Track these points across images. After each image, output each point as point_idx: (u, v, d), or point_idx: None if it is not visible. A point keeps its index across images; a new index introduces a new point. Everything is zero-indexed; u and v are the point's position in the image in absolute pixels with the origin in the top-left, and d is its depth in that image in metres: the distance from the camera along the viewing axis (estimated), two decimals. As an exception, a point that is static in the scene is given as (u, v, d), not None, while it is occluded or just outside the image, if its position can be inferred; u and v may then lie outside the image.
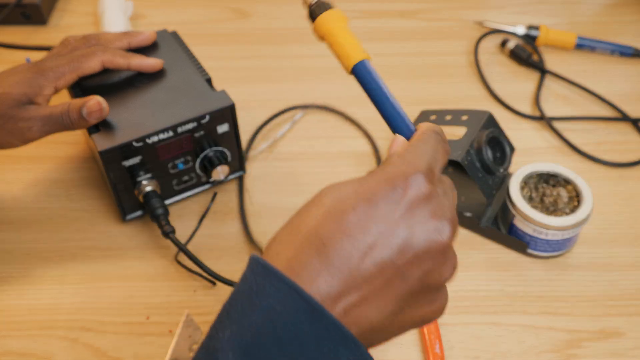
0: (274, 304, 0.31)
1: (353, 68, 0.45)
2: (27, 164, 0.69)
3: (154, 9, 0.92)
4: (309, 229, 0.34)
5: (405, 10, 0.92)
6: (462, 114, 0.64)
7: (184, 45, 0.67)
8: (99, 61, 0.59)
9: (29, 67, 0.57)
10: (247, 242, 0.62)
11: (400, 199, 0.34)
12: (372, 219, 0.33)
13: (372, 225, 0.33)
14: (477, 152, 0.60)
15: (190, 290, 0.58)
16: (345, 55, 0.45)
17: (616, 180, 0.69)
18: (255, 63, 0.83)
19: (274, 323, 0.31)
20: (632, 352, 0.54)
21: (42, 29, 0.87)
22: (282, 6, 0.92)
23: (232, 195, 0.67)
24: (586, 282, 0.59)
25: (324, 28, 0.45)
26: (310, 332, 0.31)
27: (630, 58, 0.85)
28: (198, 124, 0.59)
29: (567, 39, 0.85)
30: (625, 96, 0.79)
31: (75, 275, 0.59)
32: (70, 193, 0.66)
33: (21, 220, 0.64)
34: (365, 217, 0.33)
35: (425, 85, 0.81)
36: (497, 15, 0.92)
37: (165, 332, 0.55)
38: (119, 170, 0.58)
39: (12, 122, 0.54)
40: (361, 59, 0.44)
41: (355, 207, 0.33)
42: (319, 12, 0.46)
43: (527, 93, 0.80)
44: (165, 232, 0.58)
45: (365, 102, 0.78)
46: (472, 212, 0.63)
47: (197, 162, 0.62)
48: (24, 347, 0.54)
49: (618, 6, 0.94)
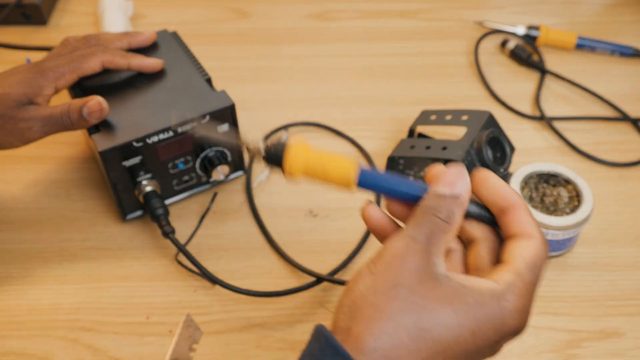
0: None
1: (357, 184, 0.40)
2: (27, 164, 0.69)
3: (154, 9, 0.92)
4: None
5: (405, 10, 0.92)
6: (462, 114, 0.64)
7: (184, 45, 0.67)
8: (99, 61, 0.59)
9: (29, 67, 0.57)
10: (246, 242, 0.62)
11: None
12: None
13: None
14: (477, 152, 0.60)
15: (190, 290, 0.58)
16: (339, 178, 0.40)
17: (616, 180, 0.69)
18: (255, 63, 0.83)
19: None
20: (632, 352, 0.54)
21: (42, 29, 0.87)
22: (282, 6, 0.92)
23: (232, 195, 0.67)
24: (586, 282, 0.59)
25: (299, 167, 0.40)
26: None
27: (630, 58, 0.85)
28: (198, 124, 0.59)
29: (567, 39, 0.85)
30: (625, 96, 0.79)
31: (75, 275, 0.59)
32: (70, 193, 0.66)
33: (21, 220, 0.64)
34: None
35: (425, 85, 0.81)
36: (497, 15, 0.92)
37: (165, 332, 0.55)
38: (119, 170, 0.58)
39: (12, 122, 0.54)
40: (355, 172, 0.39)
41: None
42: (280, 155, 0.40)
43: (527, 93, 0.80)
44: (165, 232, 0.58)
45: (365, 102, 0.78)
46: (472, 212, 0.63)
47: (197, 162, 0.62)
48: (24, 347, 0.54)
49: (618, 6, 0.94)
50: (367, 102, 0.78)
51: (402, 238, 0.36)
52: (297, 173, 0.40)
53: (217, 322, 0.56)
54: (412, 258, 0.35)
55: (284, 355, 0.54)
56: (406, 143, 0.65)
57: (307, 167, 0.39)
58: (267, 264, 0.61)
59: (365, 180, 0.39)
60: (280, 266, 0.61)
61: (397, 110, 0.77)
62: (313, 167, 0.39)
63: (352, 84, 0.81)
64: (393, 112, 0.77)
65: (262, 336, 0.55)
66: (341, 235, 0.63)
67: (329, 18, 0.91)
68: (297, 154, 0.39)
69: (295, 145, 0.40)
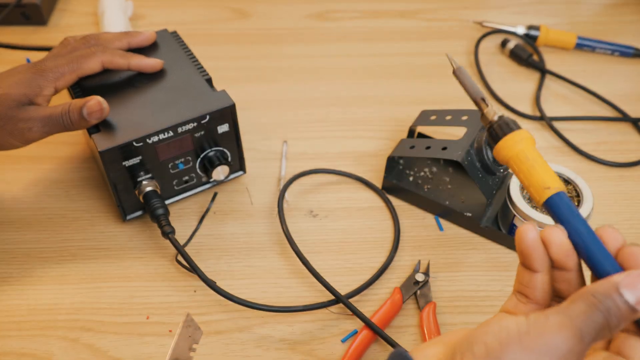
0: None
1: (549, 199, 0.39)
2: (27, 164, 0.69)
3: (154, 9, 0.92)
4: None
5: (405, 10, 0.92)
6: (462, 114, 0.64)
7: (184, 45, 0.67)
8: (99, 61, 0.59)
9: (29, 67, 0.57)
10: (246, 242, 0.62)
11: None
12: None
13: None
14: (477, 152, 0.60)
15: (190, 290, 0.58)
16: (539, 183, 0.39)
17: (616, 180, 0.69)
18: (255, 63, 0.83)
19: None
20: (632, 352, 0.54)
21: (42, 29, 0.87)
22: (282, 6, 0.92)
23: (232, 195, 0.67)
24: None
25: (511, 151, 0.40)
26: None
27: (630, 58, 0.85)
28: (198, 124, 0.59)
29: (567, 39, 0.85)
30: (625, 96, 0.79)
31: (75, 275, 0.59)
32: (70, 193, 0.66)
33: (21, 220, 0.64)
34: None
35: (425, 85, 0.81)
36: (497, 15, 0.92)
37: (165, 332, 0.55)
38: (119, 170, 0.58)
39: (12, 123, 0.54)
40: (559, 189, 0.39)
41: None
42: (504, 132, 0.41)
43: (527, 93, 0.80)
44: (165, 232, 0.58)
45: (365, 102, 0.78)
46: (472, 212, 0.63)
47: (197, 162, 0.62)
48: (24, 347, 0.54)
49: (618, 6, 0.94)
50: (367, 102, 0.78)
51: (568, 329, 0.33)
52: (508, 153, 0.40)
53: (217, 322, 0.56)
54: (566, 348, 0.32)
55: (284, 355, 0.54)
56: (406, 143, 0.65)
57: (519, 155, 0.40)
58: (267, 264, 0.61)
59: (559, 202, 0.38)
60: (280, 266, 0.61)
61: (397, 110, 0.77)
62: (524, 158, 0.40)
63: (352, 84, 0.81)
64: (393, 112, 0.77)
65: (262, 336, 0.55)
66: (341, 235, 0.63)
67: (329, 18, 0.91)
68: (520, 139, 0.40)
69: (523, 132, 0.41)
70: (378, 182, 0.68)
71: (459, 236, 0.63)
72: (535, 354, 0.32)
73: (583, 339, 0.32)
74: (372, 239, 0.63)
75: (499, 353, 0.32)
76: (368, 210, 0.66)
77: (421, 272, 0.59)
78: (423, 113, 0.69)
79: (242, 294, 0.58)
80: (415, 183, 0.67)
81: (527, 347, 0.32)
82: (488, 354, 0.33)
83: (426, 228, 0.64)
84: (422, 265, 0.60)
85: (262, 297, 0.58)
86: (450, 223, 0.65)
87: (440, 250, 0.62)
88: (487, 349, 0.33)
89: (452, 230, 0.64)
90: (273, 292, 0.59)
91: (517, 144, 0.40)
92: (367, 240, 0.63)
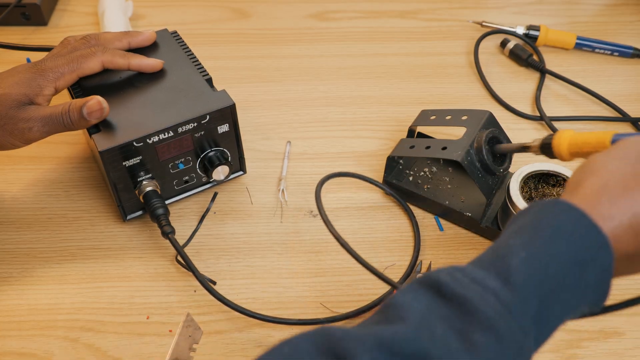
0: (562, 225, 0.36)
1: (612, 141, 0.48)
2: (27, 164, 0.69)
3: (154, 9, 0.92)
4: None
5: (405, 10, 0.92)
6: (462, 114, 0.64)
7: (184, 45, 0.67)
8: (99, 61, 0.59)
9: (29, 67, 0.57)
10: (246, 242, 0.62)
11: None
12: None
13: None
14: (477, 151, 0.60)
15: (190, 290, 0.58)
16: (597, 141, 0.48)
17: (616, 180, 0.69)
18: (255, 63, 0.83)
19: (560, 236, 0.36)
20: (631, 352, 0.54)
21: (42, 29, 0.87)
22: (282, 6, 0.92)
23: (232, 195, 0.67)
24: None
25: (564, 145, 0.50)
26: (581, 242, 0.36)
27: (629, 58, 0.85)
28: (198, 124, 0.59)
29: (567, 39, 0.85)
30: (625, 96, 0.79)
31: (75, 275, 0.59)
32: (70, 193, 0.66)
33: (21, 220, 0.64)
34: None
35: (425, 85, 0.81)
36: (497, 15, 0.92)
37: (165, 332, 0.55)
38: (120, 170, 0.58)
39: (12, 122, 0.54)
40: (611, 136, 0.47)
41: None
42: (549, 142, 0.52)
43: (527, 93, 0.80)
44: (165, 232, 0.58)
45: (365, 102, 0.78)
46: (472, 212, 0.63)
47: (197, 162, 0.62)
48: (24, 347, 0.54)
49: (618, 6, 0.94)
50: (367, 102, 0.78)
51: (636, 138, 0.41)
52: (564, 150, 0.50)
53: (217, 322, 0.56)
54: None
55: (284, 355, 0.54)
56: (406, 143, 0.65)
57: (570, 144, 0.50)
58: (267, 264, 0.61)
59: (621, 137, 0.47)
60: (280, 266, 0.61)
61: (397, 110, 0.77)
62: (574, 141, 0.50)
63: (352, 84, 0.81)
64: (393, 112, 0.77)
65: (262, 336, 0.55)
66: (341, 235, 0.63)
67: (329, 18, 0.91)
68: (560, 136, 0.51)
69: (559, 132, 0.51)
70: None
71: (459, 236, 0.63)
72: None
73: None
74: (372, 239, 0.63)
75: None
76: (368, 210, 0.66)
77: (423, 273, 0.59)
78: (423, 113, 0.69)
79: (242, 294, 0.58)
80: (415, 183, 0.67)
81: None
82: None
83: (426, 228, 0.64)
84: (424, 265, 0.60)
85: (262, 297, 0.58)
86: (450, 223, 0.65)
87: (440, 250, 0.62)
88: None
89: (452, 230, 0.64)
90: (273, 292, 0.59)
91: (562, 140, 0.50)
92: (367, 240, 0.63)
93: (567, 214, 0.37)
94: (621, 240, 0.37)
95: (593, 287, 0.37)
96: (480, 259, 0.37)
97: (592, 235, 0.36)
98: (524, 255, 0.35)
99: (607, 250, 0.36)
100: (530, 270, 0.35)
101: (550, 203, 0.38)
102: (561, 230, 0.36)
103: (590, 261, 0.36)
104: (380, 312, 0.36)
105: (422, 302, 0.35)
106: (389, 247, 0.62)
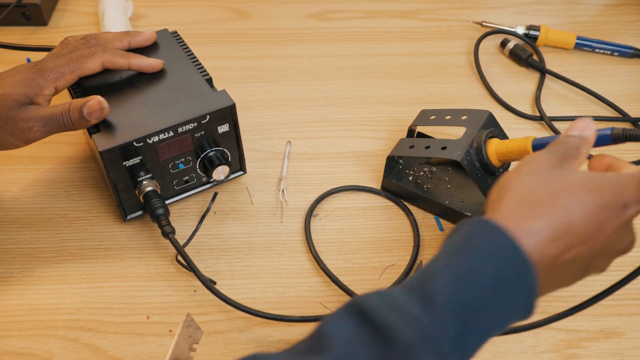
0: (486, 246, 0.38)
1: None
2: (27, 164, 0.69)
3: (154, 9, 0.92)
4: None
5: (405, 10, 0.92)
6: (462, 113, 0.64)
7: (184, 45, 0.67)
8: (99, 61, 0.59)
9: (29, 67, 0.57)
10: (246, 242, 0.62)
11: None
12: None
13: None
14: (476, 151, 0.60)
15: (190, 290, 0.58)
16: (519, 149, 0.56)
17: (616, 180, 0.69)
18: (255, 63, 0.83)
19: (484, 257, 0.37)
20: (631, 352, 0.54)
21: (42, 29, 0.87)
22: (282, 6, 0.92)
23: (232, 195, 0.67)
24: (586, 282, 0.59)
25: (493, 151, 0.59)
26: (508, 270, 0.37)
27: (629, 58, 0.85)
28: (198, 124, 0.59)
29: (567, 39, 0.85)
30: (625, 96, 0.79)
31: (75, 275, 0.59)
32: (70, 193, 0.66)
33: (21, 220, 0.64)
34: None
35: (425, 85, 0.81)
36: (497, 15, 0.92)
37: (165, 332, 0.55)
38: (120, 170, 0.58)
39: (13, 122, 0.54)
40: (530, 142, 0.56)
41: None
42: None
43: (527, 93, 0.80)
44: (165, 232, 0.58)
45: (365, 102, 0.78)
46: (471, 212, 0.63)
47: (197, 162, 0.62)
48: (24, 347, 0.54)
49: (618, 6, 0.94)
50: (366, 102, 0.78)
51: (540, 153, 0.43)
52: (493, 158, 0.59)
53: (217, 322, 0.56)
54: (545, 161, 0.42)
55: (284, 355, 0.54)
56: (405, 143, 0.65)
57: (497, 152, 0.58)
58: (267, 264, 0.61)
59: (537, 144, 0.54)
60: (280, 266, 0.61)
61: (396, 110, 0.77)
62: (500, 149, 0.58)
63: (352, 84, 0.81)
64: (393, 112, 0.77)
65: (262, 336, 0.55)
66: (341, 235, 0.63)
67: (329, 18, 0.91)
68: (488, 146, 0.59)
69: (487, 141, 0.59)
70: (378, 182, 0.68)
71: (459, 236, 0.63)
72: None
73: (551, 153, 0.43)
74: (372, 239, 0.63)
75: None
76: (368, 210, 0.66)
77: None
78: (423, 113, 0.69)
79: (242, 294, 0.58)
80: (415, 182, 0.67)
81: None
82: None
83: (426, 228, 0.64)
84: (423, 265, 0.60)
85: (262, 297, 0.58)
86: (450, 223, 0.65)
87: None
88: None
89: (452, 230, 0.64)
90: (273, 292, 0.59)
91: (489, 144, 0.59)
92: (367, 240, 0.63)
93: (492, 235, 0.38)
94: (544, 250, 0.38)
95: (518, 305, 0.38)
96: (411, 280, 0.39)
97: (515, 256, 0.37)
98: (447, 278, 0.37)
99: (530, 269, 0.37)
100: (454, 291, 0.36)
101: (478, 223, 0.39)
102: (485, 251, 0.38)
103: (514, 280, 0.37)
104: (308, 341, 0.37)
105: (348, 331, 0.36)
106: (389, 247, 0.62)
